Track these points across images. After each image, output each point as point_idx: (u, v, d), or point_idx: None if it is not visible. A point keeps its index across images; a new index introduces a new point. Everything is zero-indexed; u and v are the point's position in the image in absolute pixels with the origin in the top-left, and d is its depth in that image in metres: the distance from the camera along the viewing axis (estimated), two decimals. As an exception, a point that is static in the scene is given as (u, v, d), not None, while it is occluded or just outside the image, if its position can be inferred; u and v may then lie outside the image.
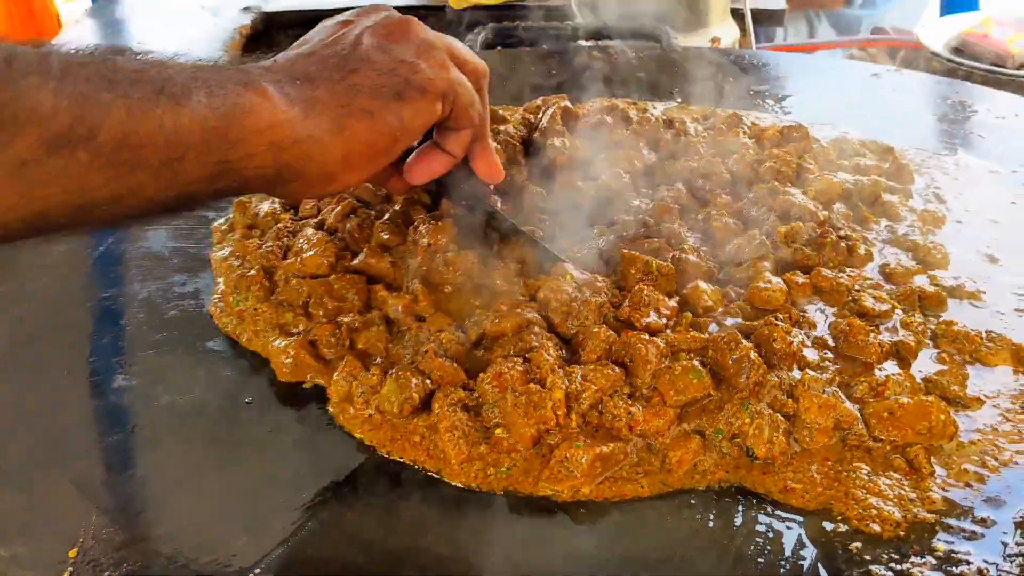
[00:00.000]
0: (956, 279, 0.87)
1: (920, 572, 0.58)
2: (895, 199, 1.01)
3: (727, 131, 1.12)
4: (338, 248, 0.89)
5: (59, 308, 0.89)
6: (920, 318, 0.81)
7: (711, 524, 0.63)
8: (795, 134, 1.10)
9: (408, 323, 0.81)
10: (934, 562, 0.59)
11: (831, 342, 0.79)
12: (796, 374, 0.73)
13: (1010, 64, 1.86)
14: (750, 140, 1.10)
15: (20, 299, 0.90)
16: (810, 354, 0.77)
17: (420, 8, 2.15)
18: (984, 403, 0.73)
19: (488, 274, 0.85)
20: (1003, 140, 1.19)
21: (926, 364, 0.77)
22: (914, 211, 1.00)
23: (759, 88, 1.39)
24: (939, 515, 0.63)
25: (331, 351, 0.79)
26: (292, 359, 0.77)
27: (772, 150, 1.07)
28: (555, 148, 1.02)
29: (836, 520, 0.63)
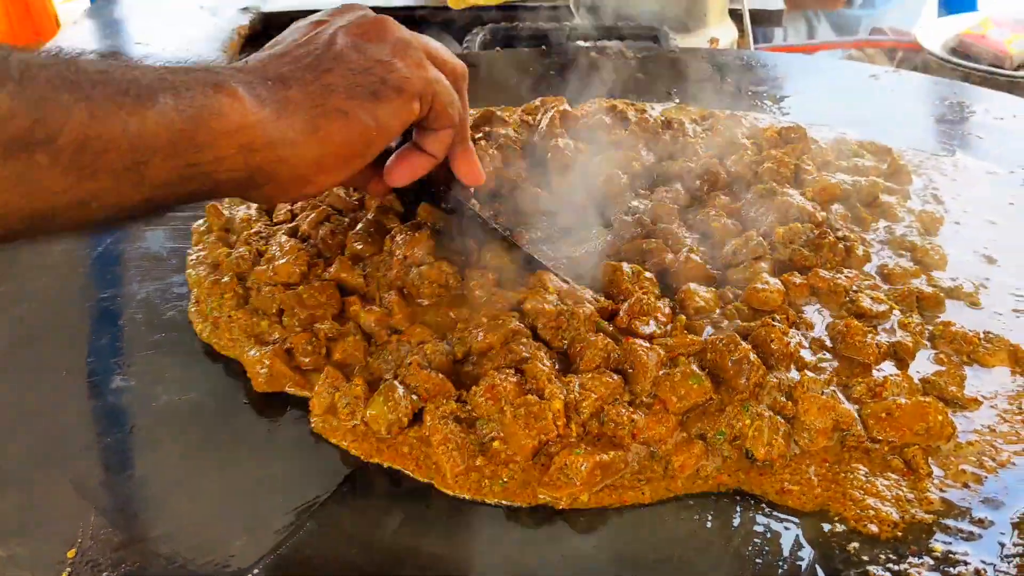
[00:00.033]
0: (954, 280, 0.88)
1: (918, 573, 0.58)
2: (893, 200, 1.01)
3: (725, 132, 1.12)
4: (311, 256, 0.87)
5: (58, 308, 0.89)
6: (918, 319, 0.81)
7: (709, 525, 0.63)
8: (793, 135, 1.10)
9: (383, 336, 0.79)
10: (931, 563, 0.59)
11: (829, 343, 0.79)
12: (795, 375, 0.73)
13: (1008, 65, 1.86)
14: (748, 141, 1.10)
15: (19, 299, 0.90)
16: (807, 355, 0.77)
17: (418, 8, 2.15)
18: (982, 404, 0.73)
19: (467, 285, 0.83)
20: (1001, 141, 1.19)
21: (924, 365, 0.77)
22: (912, 212, 1.00)
23: (757, 89, 1.39)
24: (937, 516, 0.63)
25: (308, 359, 0.77)
26: (268, 369, 0.76)
27: (770, 151, 1.07)
28: (553, 150, 1.02)
29: (834, 521, 0.63)
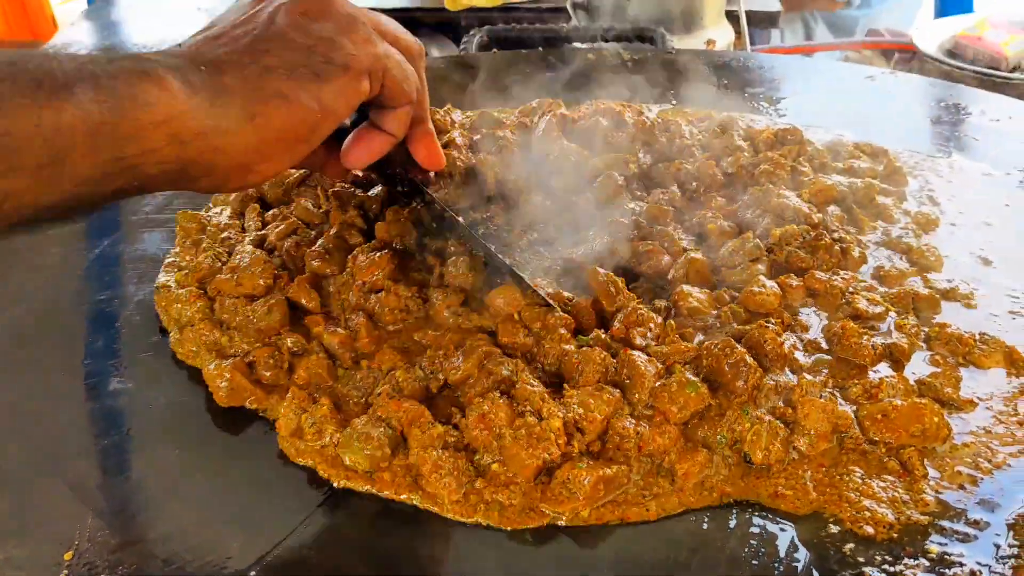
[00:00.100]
0: (950, 281, 0.88)
1: (913, 574, 0.59)
2: (889, 201, 1.01)
3: (722, 133, 1.12)
4: (276, 268, 0.85)
5: (55, 310, 0.89)
6: (914, 320, 0.81)
7: (705, 527, 0.63)
8: (790, 136, 1.11)
9: (348, 360, 0.77)
10: (927, 564, 0.59)
11: (824, 345, 0.79)
12: (792, 378, 0.73)
13: (1004, 67, 1.87)
14: (745, 142, 1.10)
15: (16, 301, 0.90)
16: (802, 357, 0.77)
17: (415, 10, 2.15)
18: (977, 405, 0.73)
19: (432, 305, 0.81)
20: (997, 143, 1.19)
21: (920, 366, 0.77)
22: (908, 213, 1.00)
23: (754, 90, 1.39)
24: (932, 517, 0.63)
25: (269, 373, 0.76)
26: (228, 382, 0.74)
27: (767, 152, 1.07)
28: (550, 152, 1.02)
29: (829, 522, 0.63)
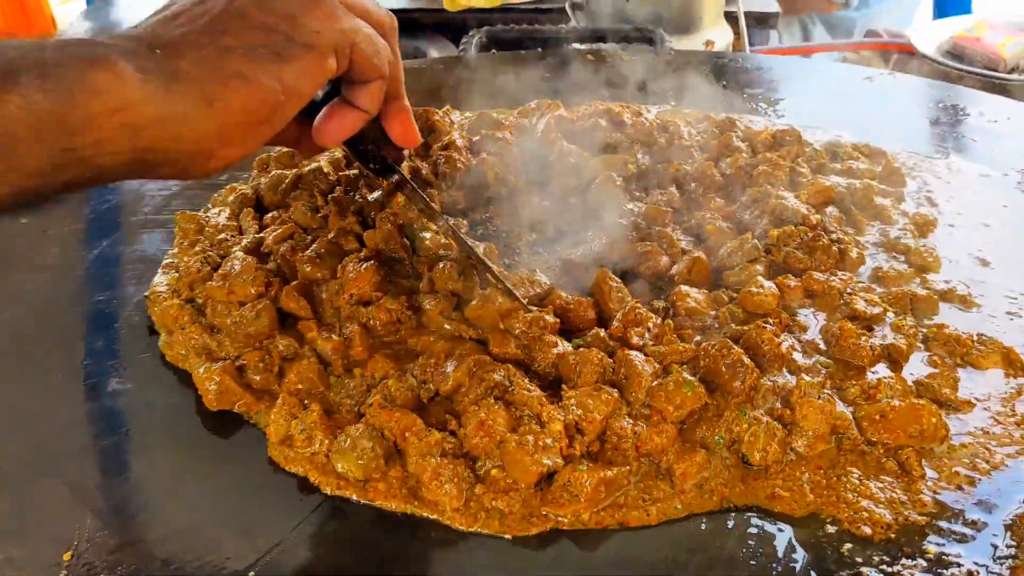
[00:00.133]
0: (948, 282, 0.88)
1: (911, 574, 0.59)
2: (887, 202, 1.01)
3: (720, 134, 1.12)
4: (268, 274, 0.84)
5: (54, 311, 0.89)
6: (912, 321, 0.82)
7: (703, 527, 0.63)
8: (788, 137, 1.11)
9: (340, 367, 0.77)
10: (925, 564, 0.60)
11: (823, 346, 0.79)
12: (790, 379, 0.73)
13: (1002, 68, 1.87)
14: (743, 143, 1.10)
15: (15, 301, 0.90)
16: (800, 357, 0.77)
17: (414, 10, 2.15)
18: (975, 406, 0.73)
19: (423, 311, 0.81)
20: (995, 144, 1.20)
21: (917, 367, 0.77)
22: (906, 214, 1.01)
23: (752, 91, 1.40)
24: (930, 518, 0.63)
25: (259, 377, 0.76)
26: (218, 385, 0.74)
27: (765, 153, 1.07)
28: (549, 153, 1.03)
29: (827, 523, 0.63)
